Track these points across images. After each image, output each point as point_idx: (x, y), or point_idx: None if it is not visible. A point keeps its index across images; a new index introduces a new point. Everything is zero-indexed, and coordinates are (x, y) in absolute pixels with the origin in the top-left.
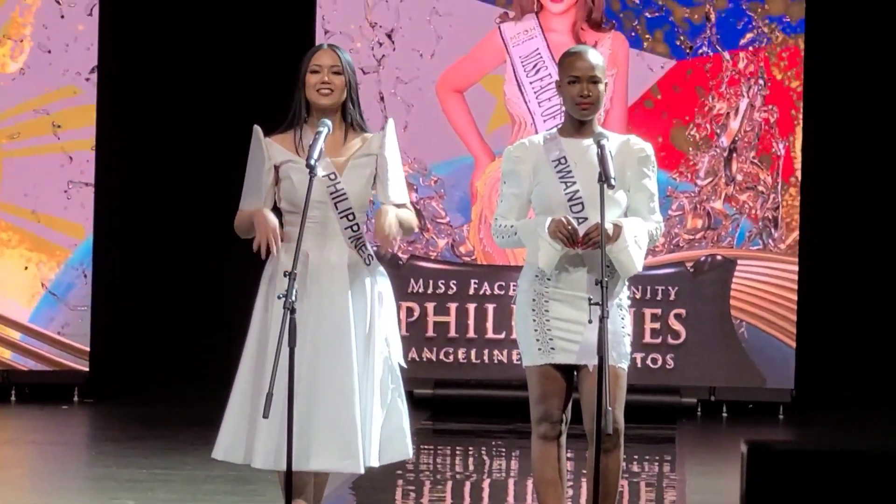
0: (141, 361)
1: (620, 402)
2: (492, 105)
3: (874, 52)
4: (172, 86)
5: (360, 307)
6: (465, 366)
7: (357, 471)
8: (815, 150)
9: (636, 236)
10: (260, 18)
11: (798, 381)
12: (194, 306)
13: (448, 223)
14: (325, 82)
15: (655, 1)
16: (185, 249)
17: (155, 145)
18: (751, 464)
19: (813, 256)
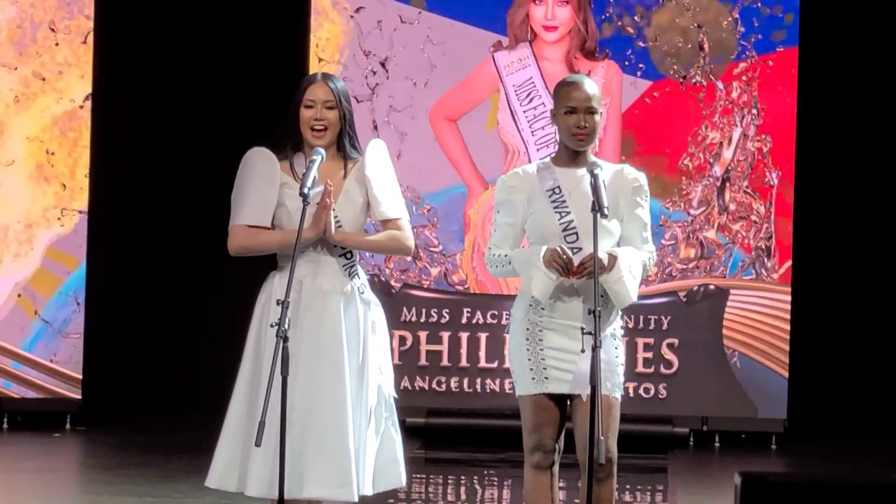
0: (133, 389)
1: (614, 431)
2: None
3: (867, 81)
4: (165, 117)
5: (353, 335)
6: (458, 395)
7: (351, 499)
8: (809, 179)
9: (631, 266)
10: (255, 50)
11: (791, 411)
12: (187, 334)
13: (441, 252)
14: (318, 119)
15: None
16: (178, 278)
17: (148, 176)
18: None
19: (806, 286)
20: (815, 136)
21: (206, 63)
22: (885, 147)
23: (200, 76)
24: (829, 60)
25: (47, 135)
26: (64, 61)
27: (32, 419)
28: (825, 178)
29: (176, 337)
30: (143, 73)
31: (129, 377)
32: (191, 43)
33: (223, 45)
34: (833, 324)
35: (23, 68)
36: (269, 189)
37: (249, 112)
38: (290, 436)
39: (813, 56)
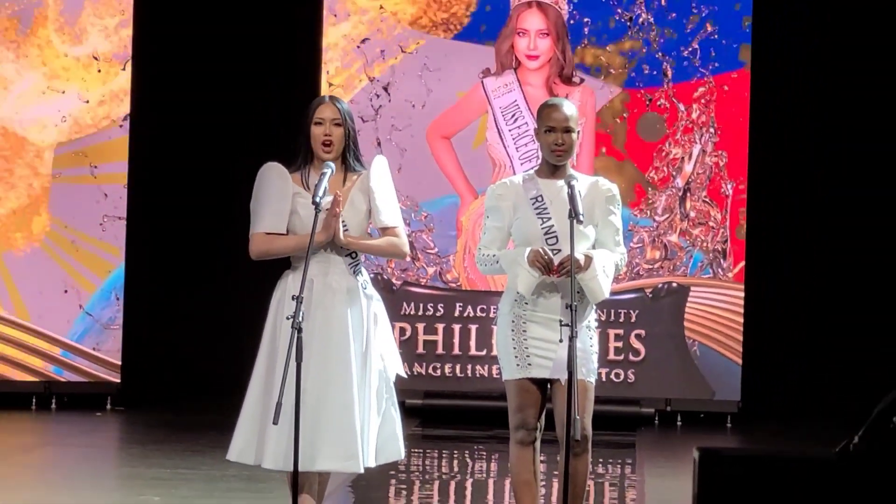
0: (166, 374)
1: (589, 411)
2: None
3: (812, 103)
4: (193, 133)
5: (357, 327)
6: (451, 379)
7: (357, 470)
8: (760, 190)
9: (604, 267)
10: (275, 77)
11: (744, 393)
12: (212, 326)
13: (436, 253)
14: (327, 135)
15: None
16: (204, 277)
17: (180, 184)
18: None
19: (757, 284)
20: (766, 152)
21: (232, 91)
22: (827, 160)
23: (228, 101)
24: (777, 85)
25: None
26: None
27: (77, 400)
28: (774, 188)
29: (203, 329)
30: (174, 101)
31: (163, 364)
32: (220, 76)
33: (248, 75)
34: (781, 316)
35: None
36: (283, 200)
37: (270, 130)
38: (304, 415)
39: (763, 81)
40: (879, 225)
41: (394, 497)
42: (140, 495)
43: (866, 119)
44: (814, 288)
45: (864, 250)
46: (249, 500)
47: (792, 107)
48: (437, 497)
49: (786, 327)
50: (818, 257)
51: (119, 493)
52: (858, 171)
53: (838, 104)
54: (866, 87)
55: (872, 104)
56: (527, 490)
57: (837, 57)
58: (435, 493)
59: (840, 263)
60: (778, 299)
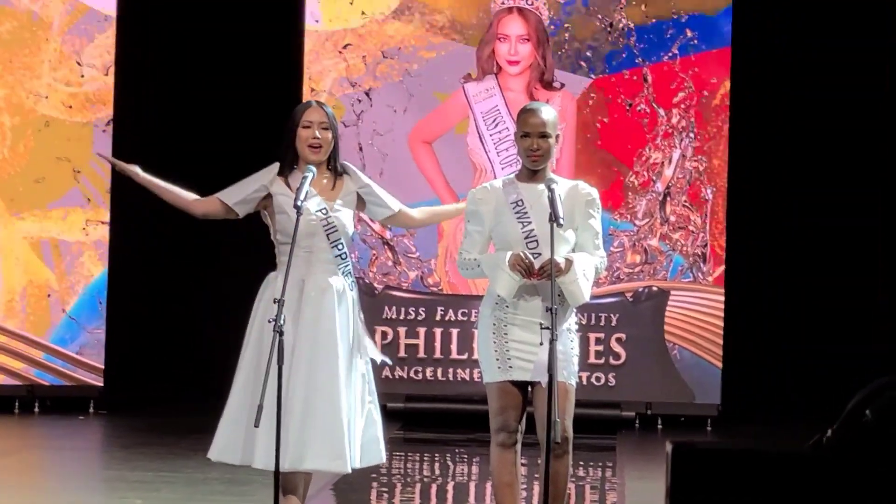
0: (148, 377)
1: (570, 413)
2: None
3: (788, 109)
4: (175, 137)
5: (345, 327)
6: (433, 383)
7: (345, 470)
8: (739, 194)
9: (584, 270)
10: (256, 85)
11: (724, 397)
12: (195, 329)
13: (418, 258)
14: (315, 138)
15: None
16: (187, 281)
17: None
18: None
19: (737, 288)
20: (746, 157)
21: (215, 96)
22: (808, 165)
23: (210, 107)
24: (756, 91)
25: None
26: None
27: (60, 404)
28: (754, 193)
29: (185, 333)
30: (159, 103)
31: (145, 367)
32: (201, 81)
33: (230, 80)
34: (761, 320)
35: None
36: (251, 184)
37: (251, 135)
38: (293, 416)
39: (742, 87)
40: (859, 228)
41: (375, 500)
42: (123, 498)
43: (847, 122)
44: (793, 291)
45: (845, 254)
46: (231, 502)
47: (772, 112)
48: (418, 500)
49: (766, 331)
50: (798, 261)
51: (102, 495)
52: (839, 175)
53: (819, 108)
54: (846, 90)
55: (853, 107)
56: (508, 492)
57: (817, 62)
58: (417, 496)
59: (820, 267)
60: (758, 303)
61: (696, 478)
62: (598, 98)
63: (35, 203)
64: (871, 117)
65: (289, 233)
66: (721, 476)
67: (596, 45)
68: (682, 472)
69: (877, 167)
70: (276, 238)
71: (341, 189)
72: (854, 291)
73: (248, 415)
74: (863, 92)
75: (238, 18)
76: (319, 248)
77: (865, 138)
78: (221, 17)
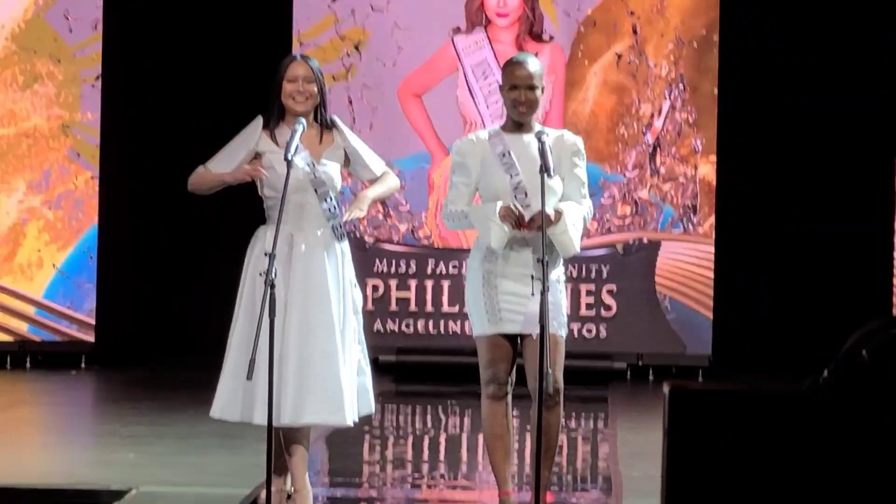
0: (140, 332)
1: (560, 364)
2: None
3: (778, 59)
4: (164, 91)
5: (335, 279)
6: (424, 336)
7: (343, 423)
8: (728, 145)
9: (574, 221)
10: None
11: (715, 347)
12: (187, 283)
13: (408, 211)
14: (300, 91)
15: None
16: (179, 235)
17: (153, 142)
18: (672, 404)
19: (727, 239)
20: (734, 108)
21: (204, 50)
22: (796, 118)
23: (199, 60)
24: (746, 40)
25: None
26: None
27: (52, 359)
28: (743, 144)
29: (177, 287)
30: (149, 59)
31: (137, 322)
32: (190, 35)
33: (219, 34)
34: (751, 270)
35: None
36: (239, 151)
37: (239, 86)
38: (289, 371)
39: (731, 37)
40: (850, 176)
41: (368, 452)
42: (115, 452)
43: (836, 72)
44: (784, 241)
45: (835, 203)
46: (224, 456)
47: (762, 62)
48: (410, 452)
49: (756, 281)
50: (788, 211)
51: (94, 450)
52: (829, 122)
53: (808, 58)
54: (835, 40)
55: (843, 57)
56: (499, 444)
57: (808, 10)
58: (409, 449)
59: (810, 216)
60: (748, 253)
61: (693, 419)
62: (587, 49)
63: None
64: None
65: (276, 188)
66: (718, 417)
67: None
68: (679, 413)
69: (873, 112)
70: (264, 193)
71: (329, 144)
72: (847, 240)
73: (244, 370)
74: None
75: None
76: (309, 203)
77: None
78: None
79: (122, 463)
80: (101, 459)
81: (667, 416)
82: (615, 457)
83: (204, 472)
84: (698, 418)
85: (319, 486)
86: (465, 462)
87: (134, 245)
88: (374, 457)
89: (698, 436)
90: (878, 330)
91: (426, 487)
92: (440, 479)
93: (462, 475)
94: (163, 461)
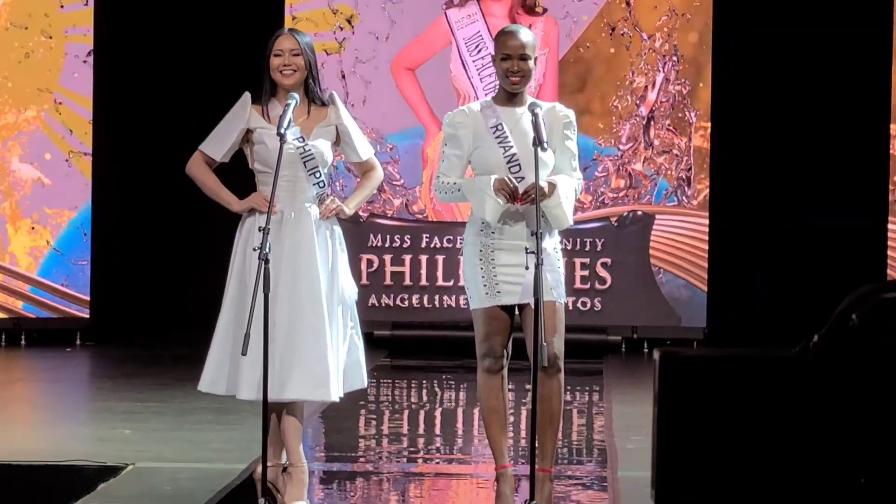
0: (135, 308)
1: (560, 332)
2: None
3: (772, 32)
4: (156, 67)
5: (324, 256)
6: (419, 310)
7: (328, 399)
8: (722, 118)
9: (567, 193)
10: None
11: (709, 320)
12: (180, 259)
13: (403, 185)
14: (286, 65)
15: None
16: (172, 211)
17: (145, 118)
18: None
19: (721, 211)
20: (728, 80)
21: (196, 25)
22: (789, 89)
23: (191, 36)
24: (740, 13)
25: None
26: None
27: (47, 336)
28: (737, 116)
29: (171, 263)
30: (140, 34)
31: (131, 299)
32: (182, 10)
33: (210, 9)
34: (746, 243)
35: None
36: (231, 132)
37: (231, 61)
38: (275, 345)
39: (725, 7)
40: (844, 148)
41: (364, 427)
42: (111, 429)
43: (829, 47)
44: (778, 213)
45: (829, 176)
46: (219, 432)
47: (756, 33)
48: (406, 426)
49: (750, 253)
50: (782, 183)
51: (90, 426)
52: (824, 97)
53: (804, 30)
54: (828, 16)
55: (835, 33)
56: (495, 417)
57: None
58: (405, 423)
59: (804, 189)
60: (742, 226)
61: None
62: (580, 22)
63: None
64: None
65: (267, 162)
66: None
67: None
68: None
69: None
70: (255, 167)
71: (321, 119)
72: (841, 214)
73: (234, 345)
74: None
75: None
76: (299, 178)
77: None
78: None
79: (118, 439)
80: (96, 436)
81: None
82: (610, 429)
83: (199, 448)
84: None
85: (315, 461)
86: (460, 436)
87: (128, 222)
88: (370, 431)
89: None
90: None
91: (422, 461)
92: (435, 453)
93: (457, 449)
94: (158, 437)
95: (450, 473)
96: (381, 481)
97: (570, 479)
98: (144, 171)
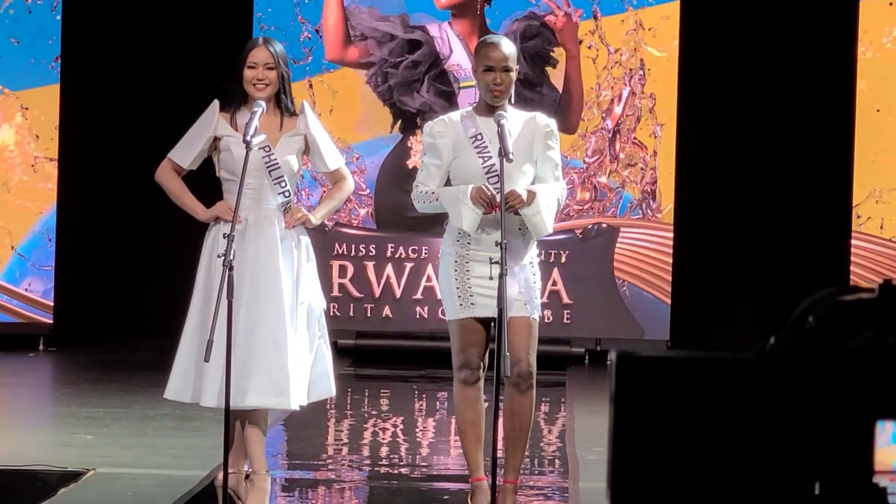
0: (98, 314)
1: (533, 348)
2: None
3: (740, 46)
4: (124, 74)
5: (288, 264)
6: (383, 319)
7: (287, 407)
8: (688, 132)
9: (547, 202)
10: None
11: (672, 333)
12: (145, 266)
13: (368, 195)
14: (260, 79)
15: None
16: (137, 217)
17: (112, 125)
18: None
19: (686, 225)
20: (694, 94)
21: (164, 33)
22: (755, 103)
23: (160, 42)
24: (706, 28)
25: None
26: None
27: (10, 341)
28: (702, 130)
29: (135, 269)
30: (107, 40)
31: (95, 305)
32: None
33: (180, 17)
34: (710, 256)
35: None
36: (198, 140)
37: (200, 69)
38: (235, 353)
39: (691, 23)
40: (810, 162)
41: (326, 435)
42: (73, 434)
43: (796, 62)
44: (742, 227)
45: (794, 189)
46: (181, 438)
47: (722, 48)
48: (369, 436)
49: (714, 267)
50: (746, 197)
51: (52, 432)
52: (790, 108)
53: (770, 45)
54: (795, 30)
55: (803, 49)
56: (471, 429)
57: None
58: (367, 432)
59: (769, 203)
60: (707, 239)
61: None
62: (547, 35)
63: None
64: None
65: (233, 170)
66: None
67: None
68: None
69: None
70: (221, 175)
71: (290, 129)
72: (806, 227)
73: (199, 352)
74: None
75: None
76: (264, 186)
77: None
78: None
79: (80, 444)
80: (58, 441)
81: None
82: (572, 440)
83: (161, 454)
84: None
85: (277, 469)
86: (424, 446)
87: (92, 227)
88: (333, 439)
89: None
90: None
91: (385, 470)
92: (398, 463)
93: (420, 458)
94: (120, 443)
95: (416, 479)
96: (343, 489)
97: (531, 489)
98: (110, 177)
